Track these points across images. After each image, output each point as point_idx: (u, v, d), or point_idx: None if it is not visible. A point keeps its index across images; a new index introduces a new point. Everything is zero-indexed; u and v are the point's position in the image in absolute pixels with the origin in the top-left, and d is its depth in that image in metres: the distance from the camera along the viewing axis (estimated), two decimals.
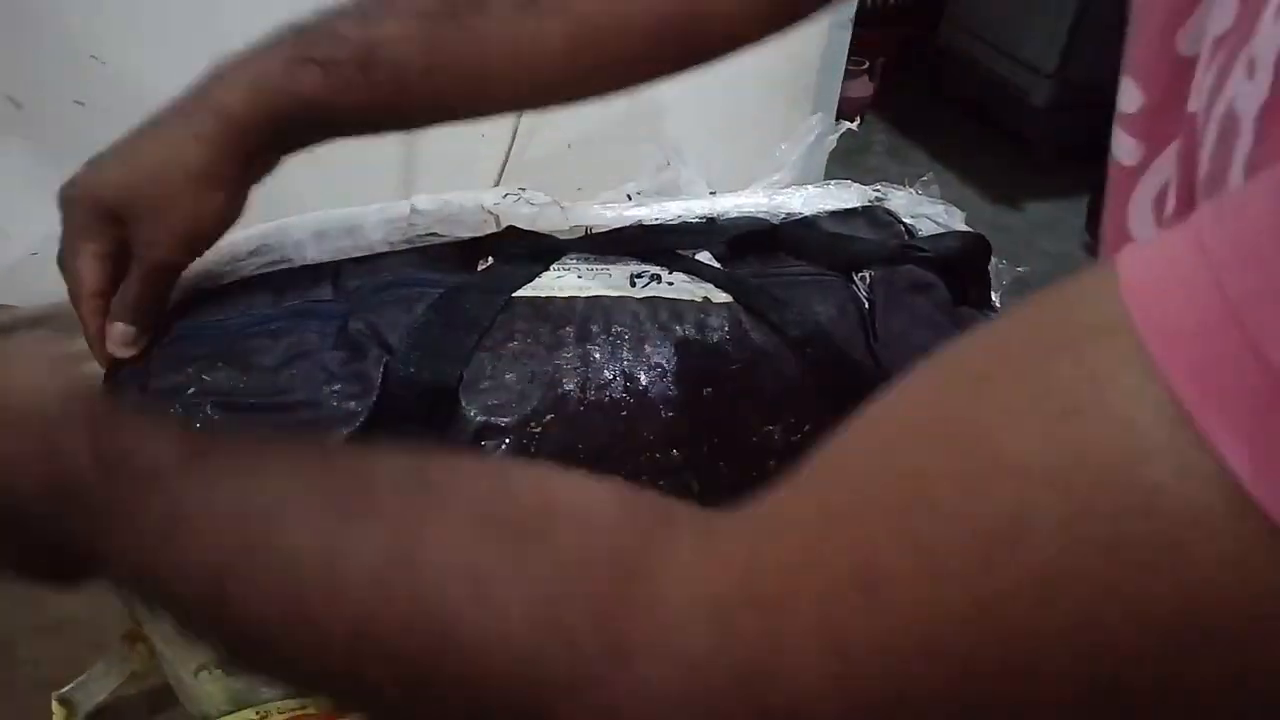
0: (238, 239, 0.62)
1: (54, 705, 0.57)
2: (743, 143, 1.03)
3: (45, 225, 0.87)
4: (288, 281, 0.57)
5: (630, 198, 0.70)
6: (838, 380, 0.54)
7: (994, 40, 2.86)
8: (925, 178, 0.75)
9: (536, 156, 0.95)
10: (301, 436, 0.48)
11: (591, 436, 0.51)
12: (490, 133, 0.96)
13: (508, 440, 0.50)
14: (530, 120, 0.92)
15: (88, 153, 0.86)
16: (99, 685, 0.58)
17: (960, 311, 0.61)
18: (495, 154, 0.96)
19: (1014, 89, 2.75)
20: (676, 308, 0.55)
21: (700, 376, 0.53)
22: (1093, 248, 2.37)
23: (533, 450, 0.50)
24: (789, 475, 0.27)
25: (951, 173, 2.65)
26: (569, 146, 0.98)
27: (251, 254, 0.60)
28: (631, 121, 0.99)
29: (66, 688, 0.58)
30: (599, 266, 0.58)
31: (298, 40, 0.46)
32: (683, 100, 1.00)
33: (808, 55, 1.04)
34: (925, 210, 0.72)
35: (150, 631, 0.57)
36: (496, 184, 0.93)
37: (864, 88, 2.80)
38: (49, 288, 0.90)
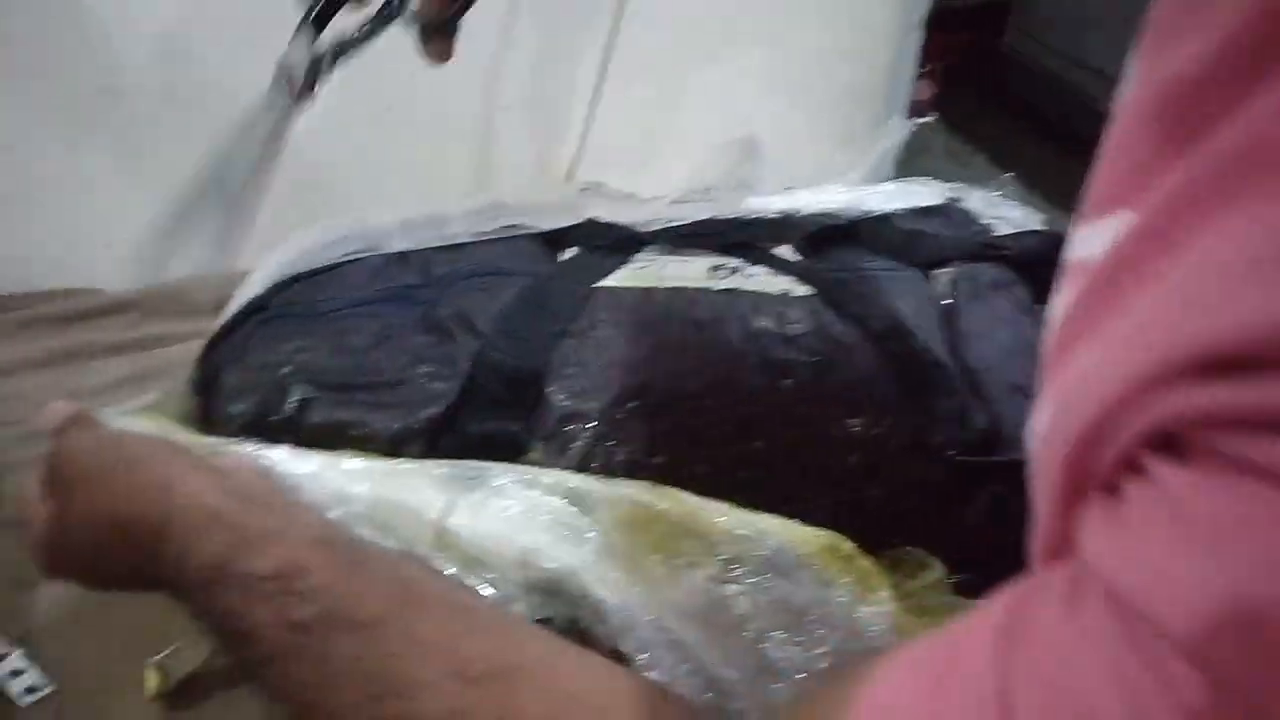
0: (324, 229, 0.64)
1: (147, 671, 0.59)
2: (810, 142, 1.03)
3: (135, 212, 0.91)
4: (378, 267, 0.59)
5: (705, 192, 0.71)
6: (919, 376, 0.54)
7: (1061, 45, 2.81)
8: (1004, 178, 0.75)
9: (607, 153, 0.96)
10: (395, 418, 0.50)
11: (676, 424, 0.51)
12: (561, 130, 0.97)
13: (591, 426, 0.51)
14: (600, 118, 0.93)
15: (176, 141, 0.89)
16: (189, 655, 0.60)
17: (1040, 310, 0.61)
18: (566, 150, 0.97)
19: (1080, 95, 2.71)
20: (757, 299, 0.56)
21: (781, 368, 0.53)
22: None
23: (618, 435, 0.51)
24: None
25: (1014, 178, 2.61)
26: (637, 145, 0.99)
27: (340, 242, 0.62)
28: (701, 119, 1.00)
29: (159, 655, 0.59)
30: (679, 258, 0.59)
31: None
32: (752, 99, 1.01)
33: (878, 57, 1.04)
34: (1003, 211, 0.72)
35: None
36: (568, 179, 0.94)
37: (924, 90, 2.78)
38: (139, 270, 0.93)
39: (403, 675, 0.33)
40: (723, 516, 0.48)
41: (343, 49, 0.54)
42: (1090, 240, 0.26)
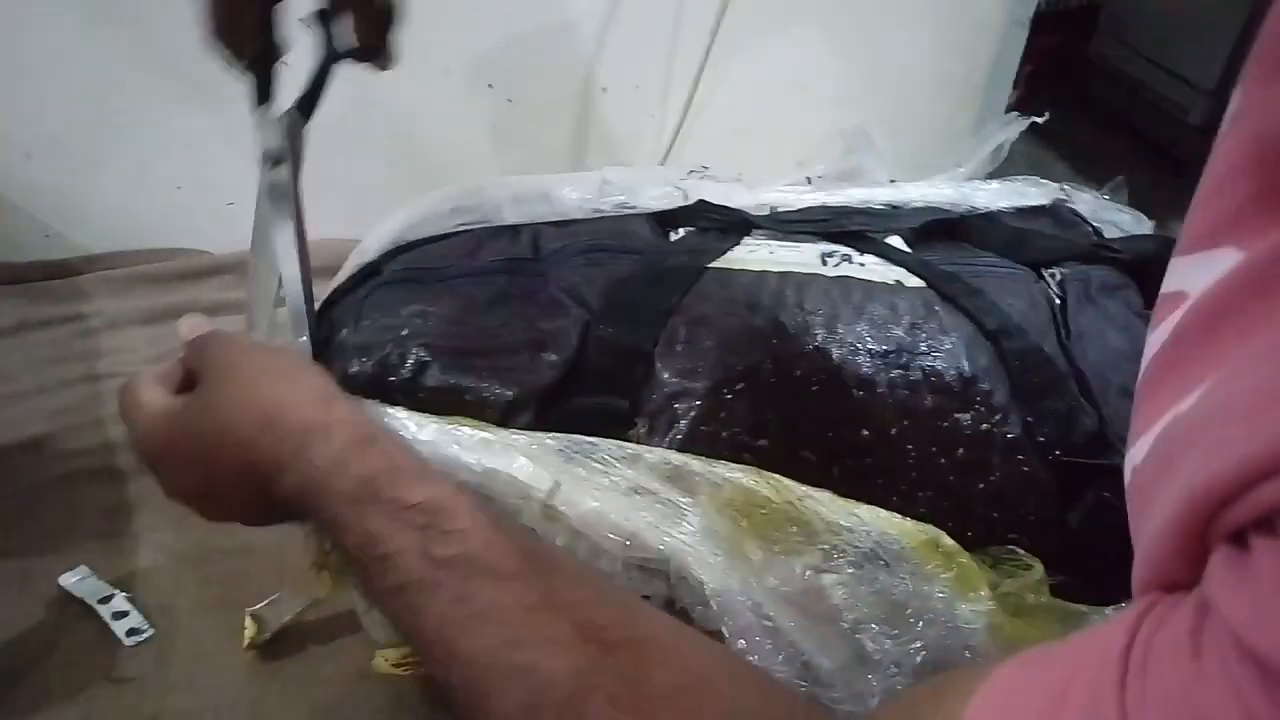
0: (438, 197, 0.65)
1: (246, 620, 0.61)
2: (909, 136, 1.02)
3: (240, 178, 0.93)
4: (490, 238, 0.59)
5: (810, 181, 0.71)
6: (1029, 373, 0.54)
7: (1150, 53, 2.74)
8: (1114, 182, 0.74)
9: (701, 139, 0.96)
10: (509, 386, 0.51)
11: (782, 408, 0.52)
12: (657, 113, 0.97)
13: (699, 404, 0.51)
14: (699, 104, 0.93)
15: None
16: (286, 606, 0.61)
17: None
18: (660, 135, 0.97)
19: (1168, 105, 2.64)
20: (869, 288, 0.55)
21: (891, 358, 0.53)
22: None
23: (723, 415, 0.51)
24: None
25: (1094, 186, 2.56)
26: (734, 132, 0.99)
27: (452, 212, 0.63)
28: (799, 109, 1.00)
29: (258, 605, 0.61)
30: (789, 243, 0.59)
31: None
32: (852, 90, 1.00)
33: (980, 53, 1.02)
34: (1111, 215, 0.71)
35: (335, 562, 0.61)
36: (663, 163, 0.95)
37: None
38: (244, 234, 0.95)
39: (537, 629, 0.34)
40: (824, 506, 0.48)
41: (308, 105, 0.55)
42: (1189, 274, 0.26)
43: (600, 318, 0.53)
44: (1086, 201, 0.71)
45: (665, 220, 0.62)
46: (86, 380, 0.81)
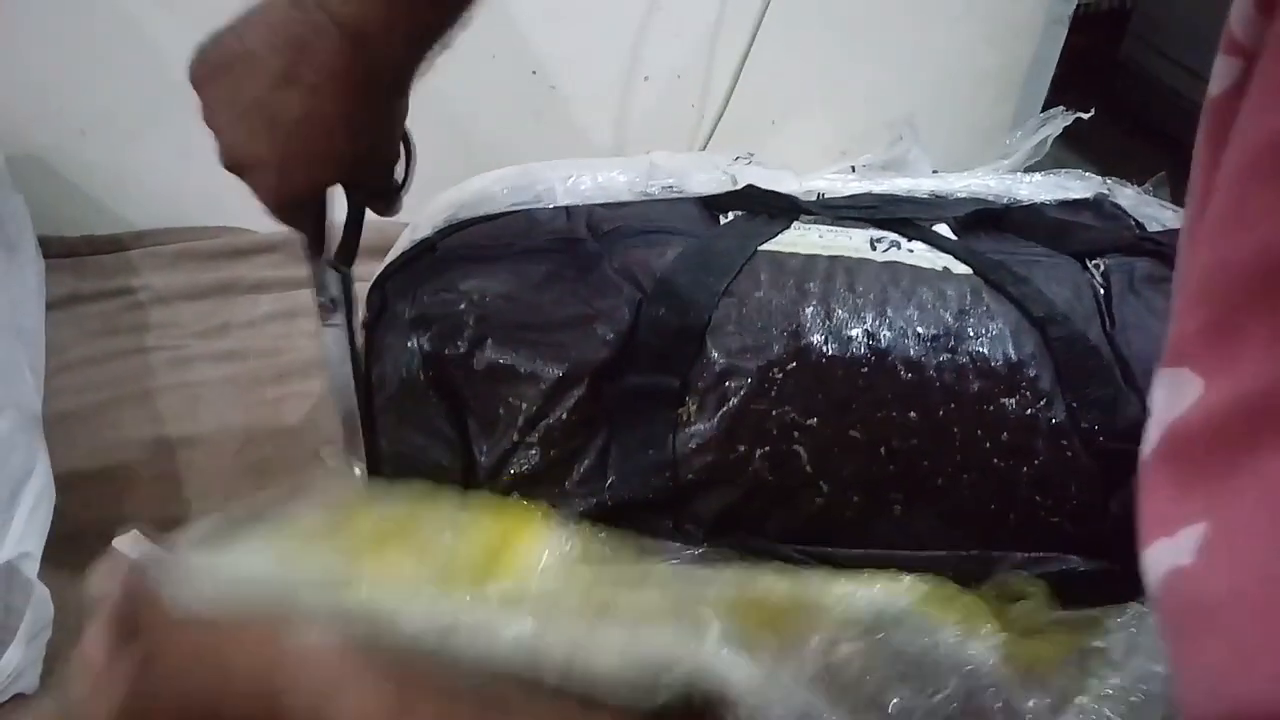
0: (490, 179, 0.66)
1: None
2: (948, 129, 1.03)
3: None
4: (543, 219, 0.61)
5: (854, 170, 0.72)
6: (1075, 360, 0.55)
7: (1178, 56, 2.73)
8: (1156, 178, 0.74)
9: (741, 129, 0.97)
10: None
11: (832, 388, 0.53)
12: (698, 103, 0.98)
13: (749, 383, 0.52)
14: (740, 94, 0.94)
15: None
16: None
17: None
18: (700, 124, 0.98)
19: (1196, 107, 2.61)
20: (917, 274, 0.56)
21: (939, 342, 0.54)
22: None
23: (774, 394, 0.52)
24: None
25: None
26: (772, 122, 1.00)
27: (505, 192, 0.64)
28: (839, 102, 1.00)
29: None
30: (838, 228, 0.60)
31: None
32: (891, 84, 1.01)
33: (1018, 51, 1.03)
34: (1152, 210, 0.71)
35: None
36: (702, 150, 0.96)
37: None
38: None
39: None
40: (821, 584, 0.49)
41: (348, 255, 0.57)
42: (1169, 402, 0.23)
43: (652, 297, 0.54)
44: (1128, 196, 0.72)
45: (714, 204, 0.63)
46: (137, 353, 0.82)
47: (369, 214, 0.56)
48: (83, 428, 0.76)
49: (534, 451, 0.54)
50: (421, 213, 0.65)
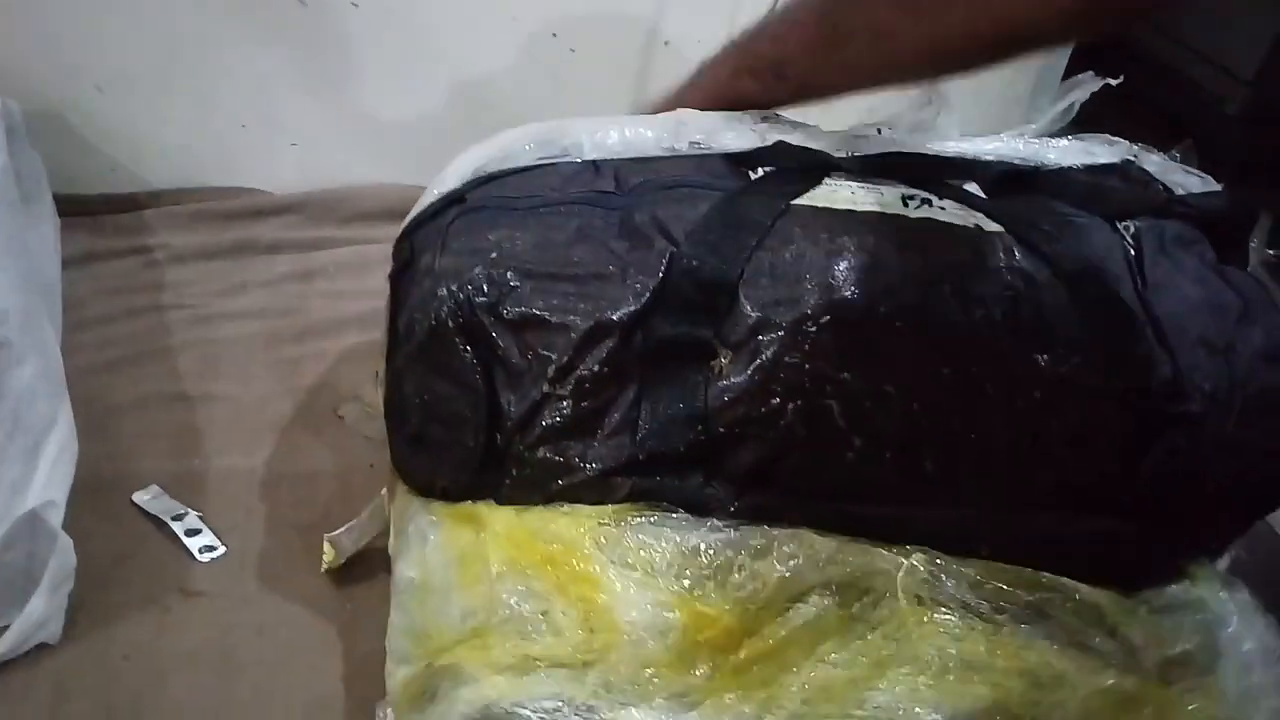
0: (516, 134, 0.65)
1: (325, 545, 0.62)
2: (963, 102, 1.02)
3: (310, 118, 0.94)
4: (572, 173, 0.60)
5: (880, 132, 0.71)
6: (1108, 318, 0.54)
7: (1190, 42, 2.71)
8: (1184, 144, 0.74)
9: None
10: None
11: (865, 343, 0.52)
12: None
13: (782, 335, 0.52)
14: None
15: (355, 52, 0.91)
16: (361, 532, 0.62)
17: (1227, 270, 0.60)
18: None
19: (1206, 95, 2.61)
20: (951, 231, 0.56)
21: (972, 299, 0.53)
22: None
23: (807, 348, 0.52)
24: None
25: None
26: None
27: (533, 146, 0.63)
28: None
29: (337, 531, 0.62)
30: (870, 184, 0.59)
31: (734, 55, 0.65)
32: None
33: None
34: (1179, 177, 0.71)
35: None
36: None
37: None
38: (305, 176, 0.96)
39: None
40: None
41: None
42: None
43: (685, 249, 0.54)
44: (1155, 163, 0.71)
45: (744, 160, 0.62)
46: (154, 310, 0.82)
47: (381, 178, 0.56)
48: (101, 383, 0.75)
49: (565, 403, 0.53)
50: (445, 170, 0.64)
